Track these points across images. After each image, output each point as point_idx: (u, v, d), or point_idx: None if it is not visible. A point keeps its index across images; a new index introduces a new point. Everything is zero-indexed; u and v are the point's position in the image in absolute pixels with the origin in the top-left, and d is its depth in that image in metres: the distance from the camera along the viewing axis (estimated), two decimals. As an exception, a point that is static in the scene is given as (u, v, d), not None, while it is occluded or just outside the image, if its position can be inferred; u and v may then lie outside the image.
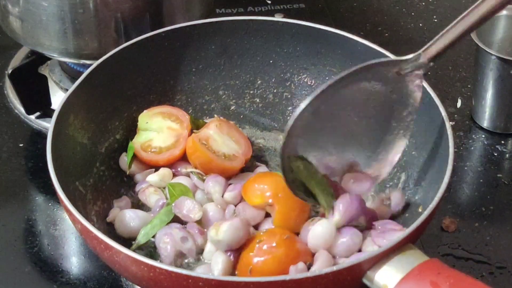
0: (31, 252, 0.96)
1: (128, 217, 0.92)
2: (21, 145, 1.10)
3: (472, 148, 1.11)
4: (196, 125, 1.00)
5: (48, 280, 0.94)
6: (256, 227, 0.91)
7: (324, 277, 0.76)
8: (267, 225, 0.91)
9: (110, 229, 0.92)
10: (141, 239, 0.90)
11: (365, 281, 0.79)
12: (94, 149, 0.96)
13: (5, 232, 0.99)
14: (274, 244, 0.85)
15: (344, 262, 0.80)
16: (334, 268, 0.77)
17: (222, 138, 0.98)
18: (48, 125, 1.06)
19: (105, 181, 0.96)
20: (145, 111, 1.00)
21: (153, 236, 0.90)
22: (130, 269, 0.79)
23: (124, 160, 0.98)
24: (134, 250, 0.82)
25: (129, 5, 1.04)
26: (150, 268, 0.77)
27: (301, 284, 0.76)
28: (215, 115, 1.05)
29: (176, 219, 0.91)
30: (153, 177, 0.96)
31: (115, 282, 0.93)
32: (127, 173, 0.98)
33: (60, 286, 0.93)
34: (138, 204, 0.96)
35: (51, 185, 0.84)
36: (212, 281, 0.76)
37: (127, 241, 0.91)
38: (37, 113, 1.12)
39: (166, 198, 0.93)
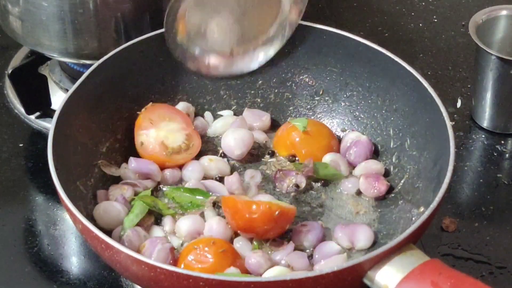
0: (31, 252, 0.96)
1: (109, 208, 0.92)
2: (21, 145, 1.10)
3: (472, 148, 1.11)
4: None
5: (48, 280, 0.94)
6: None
7: (325, 277, 0.76)
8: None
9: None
10: (127, 226, 0.90)
11: (365, 281, 0.79)
12: (95, 148, 0.96)
13: (5, 232, 0.99)
14: (208, 255, 0.85)
15: (345, 263, 0.80)
16: (335, 268, 0.77)
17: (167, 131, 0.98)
18: (48, 125, 1.06)
19: (106, 181, 0.96)
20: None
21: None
22: (131, 268, 0.80)
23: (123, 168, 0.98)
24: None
25: (129, 5, 1.04)
26: (150, 268, 0.77)
27: (301, 284, 0.76)
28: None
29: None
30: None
31: (115, 282, 0.93)
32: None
33: (60, 286, 0.93)
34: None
35: (51, 185, 0.85)
36: (213, 281, 0.76)
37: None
38: (37, 113, 1.12)
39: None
